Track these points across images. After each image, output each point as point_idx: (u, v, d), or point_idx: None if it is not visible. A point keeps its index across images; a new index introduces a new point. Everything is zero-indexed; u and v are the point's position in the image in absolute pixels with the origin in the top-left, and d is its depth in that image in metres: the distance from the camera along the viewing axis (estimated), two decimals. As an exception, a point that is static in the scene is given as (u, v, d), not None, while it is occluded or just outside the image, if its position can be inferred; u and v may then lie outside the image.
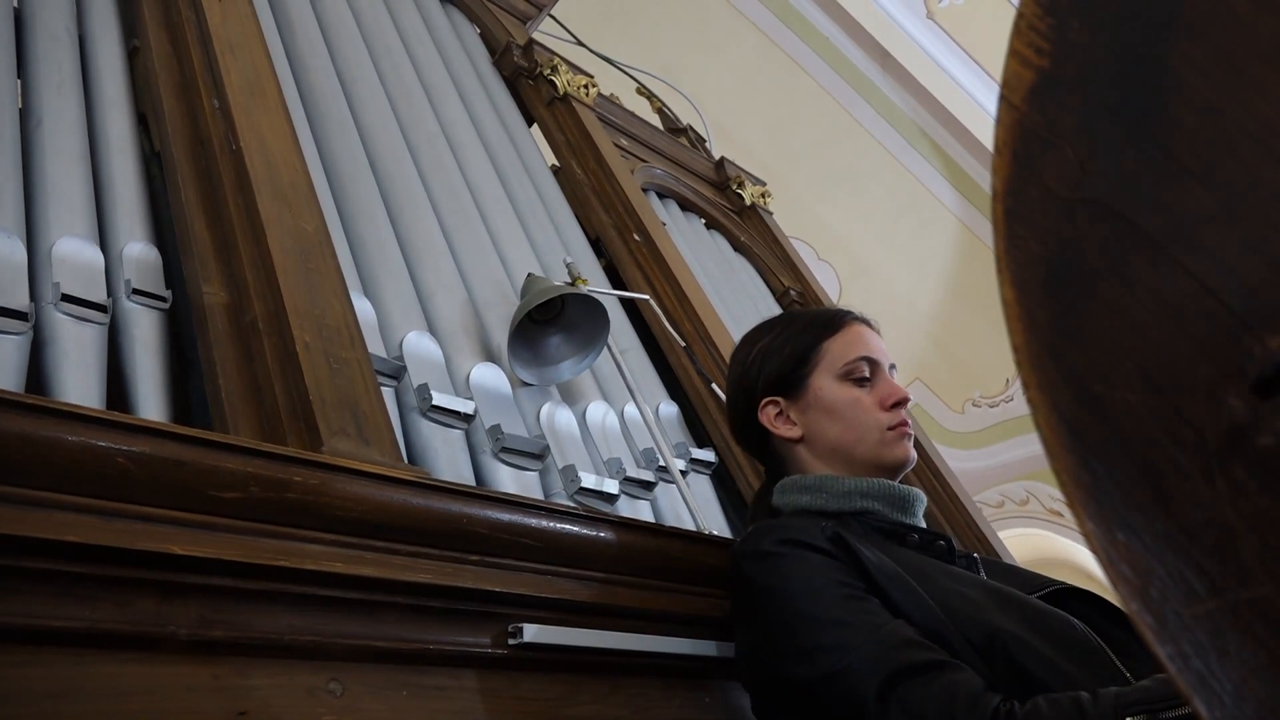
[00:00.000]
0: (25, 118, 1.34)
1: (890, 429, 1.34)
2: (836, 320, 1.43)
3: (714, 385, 1.82)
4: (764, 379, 1.40)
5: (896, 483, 1.35)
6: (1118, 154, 0.43)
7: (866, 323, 1.45)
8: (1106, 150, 0.43)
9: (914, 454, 1.37)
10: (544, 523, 1.16)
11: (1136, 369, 0.40)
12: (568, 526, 1.17)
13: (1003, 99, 0.47)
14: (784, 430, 1.38)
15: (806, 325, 1.44)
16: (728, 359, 2.05)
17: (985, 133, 4.82)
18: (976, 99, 4.72)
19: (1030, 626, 1.10)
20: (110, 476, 0.86)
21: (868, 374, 1.37)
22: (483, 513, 1.10)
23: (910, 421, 1.38)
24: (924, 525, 1.34)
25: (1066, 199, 0.44)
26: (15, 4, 1.47)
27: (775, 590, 1.16)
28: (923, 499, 1.36)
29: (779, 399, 1.39)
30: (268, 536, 0.95)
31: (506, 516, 1.12)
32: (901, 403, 1.36)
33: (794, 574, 1.15)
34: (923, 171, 5.12)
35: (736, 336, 2.19)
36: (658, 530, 1.31)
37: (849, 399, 1.35)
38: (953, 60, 4.69)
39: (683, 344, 1.87)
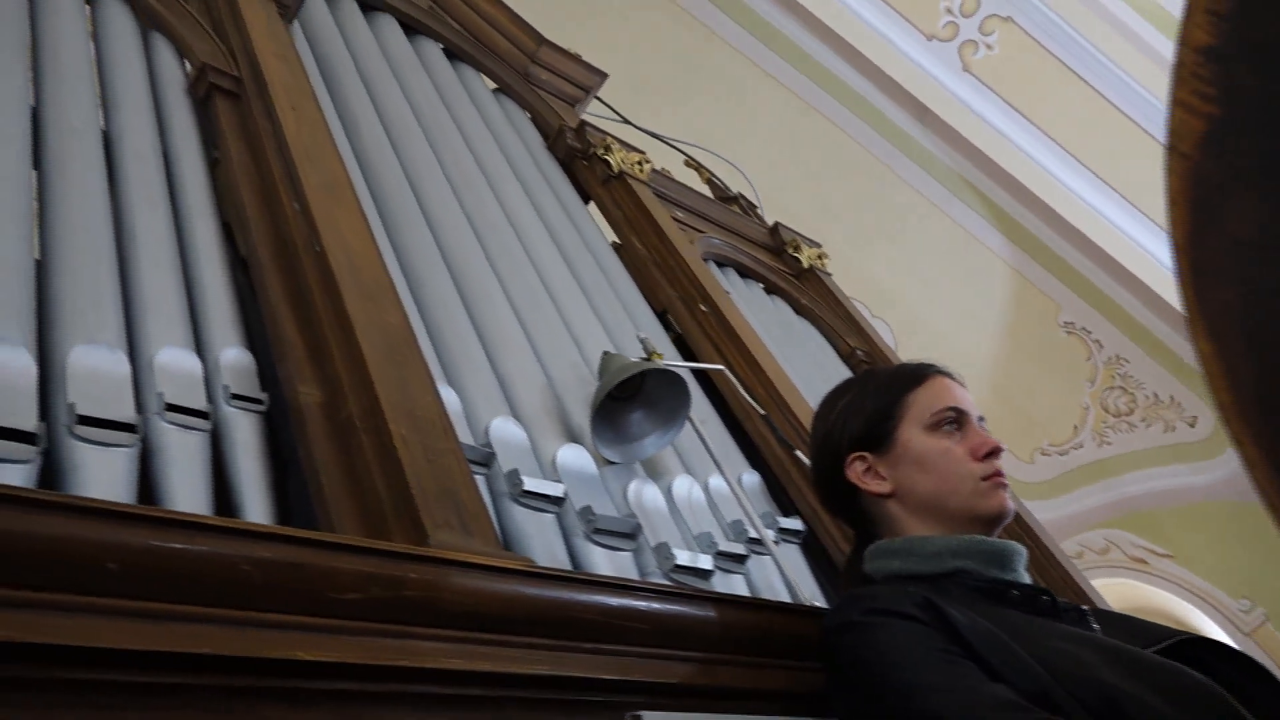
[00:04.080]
0: (120, 233, 1.38)
1: (984, 479, 1.31)
2: (920, 373, 1.41)
3: (797, 451, 1.80)
4: (849, 435, 1.38)
5: (992, 537, 1.31)
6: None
7: (950, 375, 1.43)
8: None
9: (1012, 505, 1.33)
10: (653, 605, 1.14)
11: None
12: (676, 607, 1.15)
13: (1172, 149, 0.46)
14: (873, 485, 1.35)
15: (890, 380, 1.42)
16: (805, 424, 2.03)
17: (1030, 178, 4.81)
18: (1019, 145, 4.71)
19: (1144, 682, 1.05)
20: (235, 584, 0.85)
21: (957, 425, 1.34)
22: (593, 598, 1.08)
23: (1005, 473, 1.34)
24: (1026, 580, 1.30)
25: (1257, 244, 0.43)
26: (103, 127, 1.53)
27: (866, 662, 1.12)
28: (1022, 553, 1.32)
29: (866, 454, 1.36)
30: (387, 636, 0.94)
31: (616, 601, 1.10)
32: (995, 453, 1.33)
33: (883, 644, 1.12)
34: (969, 220, 5.10)
35: (807, 401, 2.18)
36: (765, 605, 1.28)
37: (940, 449, 1.32)
38: (992, 109, 4.70)
39: (761, 412, 1.85)
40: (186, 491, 1.13)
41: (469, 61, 2.64)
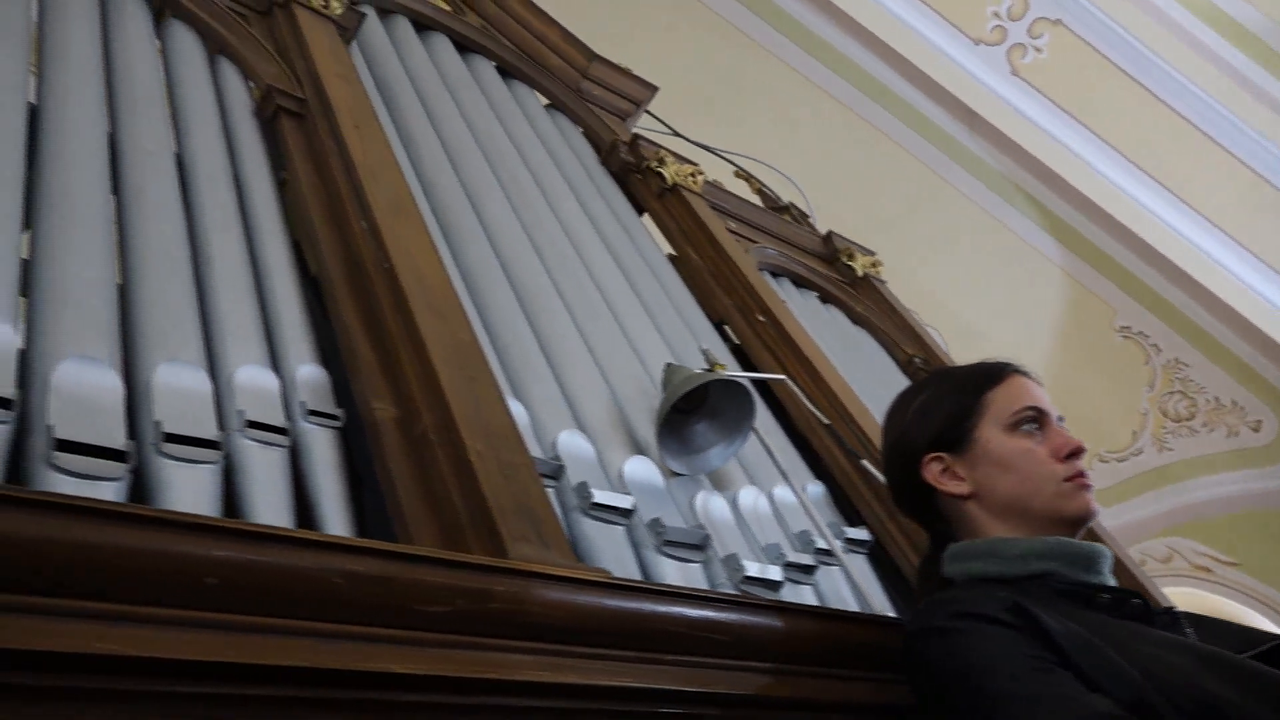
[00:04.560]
0: (195, 254, 1.41)
1: (1067, 480, 1.28)
2: (997, 372, 1.39)
3: (864, 461, 1.78)
4: (926, 435, 1.36)
5: (1077, 539, 1.28)
6: None
7: (1027, 374, 1.40)
8: None
9: (1096, 506, 1.30)
10: (731, 616, 1.13)
11: None
12: (755, 618, 1.14)
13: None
14: (951, 486, 1.32)
15: (966, 379, 1.40)
16: (868, 433, 2.02)
17: (1083, 181, 4.74)
18: (1071, 148, 4.65)
19: (1248, 691, 1.02)
20: (327, 598, 0.86)
21: (1037, 424, 1.32)
22: (674, 610, 1.08)
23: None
24: (1113, 583, 1.27)
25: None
26: (176, 151, 1.56)
27: (953, 670, 1.10)
28: (1108, 555, 1.28)
29: (943, 455, 1.34)
30: (474, 649, 0.94)
31: (695, 612, 1.10)
32: (1077, 453, 1.30)
33: (972, 650, 1.09)
34: (1020, 226, 5.04)
35: (867, 409, 2.16)
36: (842, 616, 1.27)
37: (1020, 449, 1.30)
38: (1042, 113, 4.64)
39: (825, 421, 1.84)
40: (269, 507, 1.15)
41: (522, 79, 2.66)
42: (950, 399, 1.37)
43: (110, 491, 1.03)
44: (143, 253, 1.34)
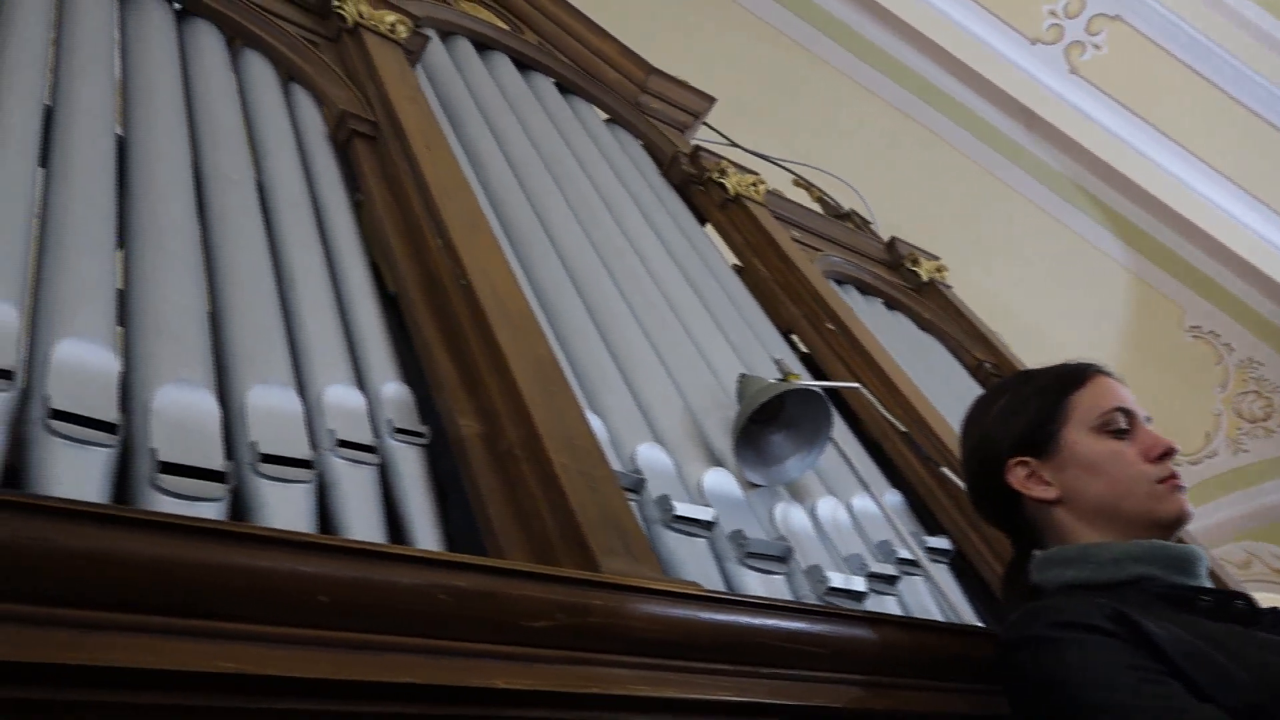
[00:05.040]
0: (279, 276, 1.44)
1: (1160, 481, 1.25)
2: (1080, 373, 1.36)
3: (943, 469, 1.76)
4: (1009, 439, 1.33)
5: (1171, 541, 1.24)
6: None
7: (1111, 375, 1.37)
8: None
9: (1190, 508, 1.26)
10: (826, 628, 1.12)
11: None
12: (849, 630, 1.13)
13: None
14: (1038, 491, 1.30)
15: (1049, 381, 1.37)
16: (944, 440, 1.99)
17: (1148, 179, 4.64)
18: (1134, 146, 4.56)
19: None
20: (433, 614, 0.87)
21: (1125, 425, 1.29)
22: (770, 623, 1.07)
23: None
24: (1211, 585, 1.23)
25: None
26: (257, 177, 1.59)
27: (1056, 681, 1.07)
28: (1204, 557, 1.25)
29: (1028, 459, 1.31)
30: (575, 664, 0.94)
31: (791, 624, 1.09)
32: (1169, 453, 1.27)
33: (1075, 660, 1.06)
34: (1083, 226, 4.95)
35: (942, 415, 2.13)
36: (936, 626, 1.25)
37: (1109, 452, 1.27)
38: (1103, 110, 4.56)
39: (902, 429, 1.82)
40: (362, 524, 1.16)
41: (581, 94, 2.68)
42: (1034, 401, 1.34)
43: (211, 511, 1.05)
44: (231, 277, 1.37)
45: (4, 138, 1.31)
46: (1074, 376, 1.35)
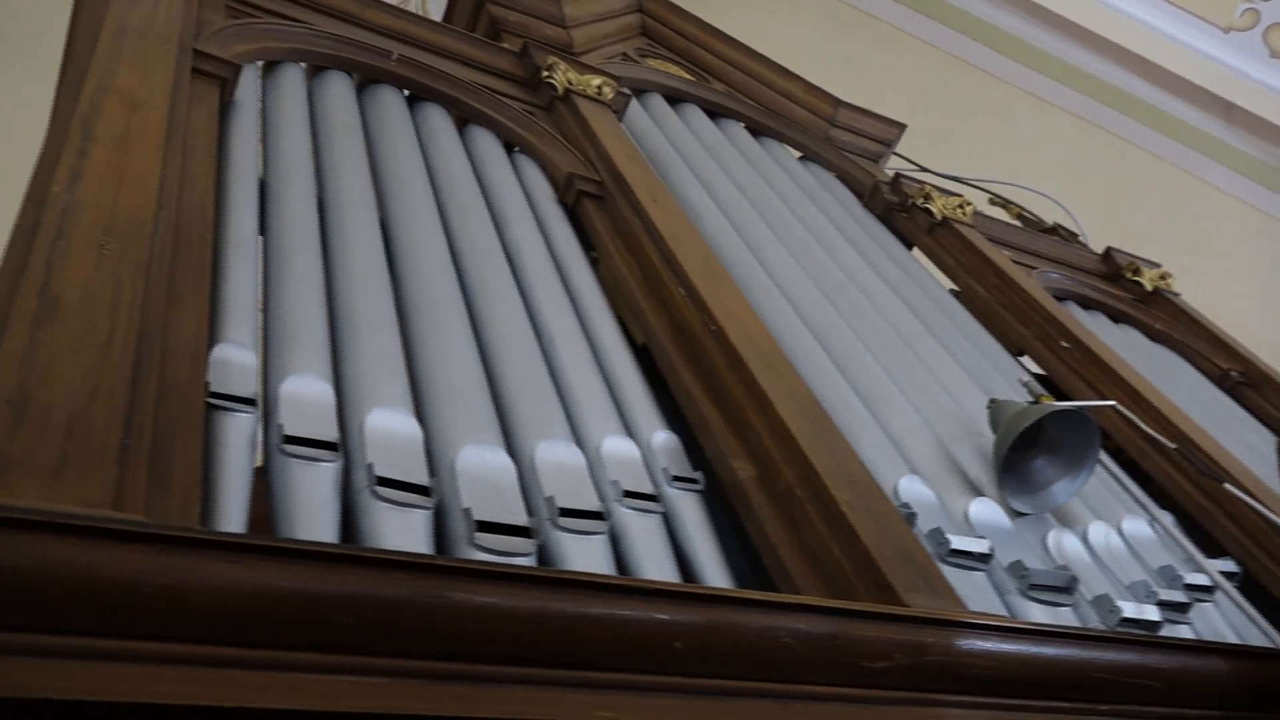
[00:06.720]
0: (540, 337, 1.49)
1: None
2: None
3: (1227, 485, 1.64)
4: None
5: None
6: None
7: None
8: None
9: None
10: (1162, 659, 1.05)
11: None
12: (1193, 661, 1.05)
13: None
14: None
15: None
16: (1209, 453, 1.86)
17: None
18: (1350, 126, 4.23)
19: None
20: (778, 658, 0.86)
21: None
22: (1102, 656, 1.01)
23: None
24: None
25: None
26: (502, 244, 1.66)
27: None
28: None
29: None
30: (915, 704, 0.92)
31: (1126, 657, 1.03)
32: None
33: None
34: (1299, 218, 4.60)
35: (1203, 428, 2.00)
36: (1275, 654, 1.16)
37: None
38: (1311, 93, 4.25)
39: (1171, 445, 1.71)
40: (657, 572, 1.17)
41: (772, 135, 2.69)
42: None
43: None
44: (498, 339, 1.43)
45: (292, 229, 1.42)
46: None
